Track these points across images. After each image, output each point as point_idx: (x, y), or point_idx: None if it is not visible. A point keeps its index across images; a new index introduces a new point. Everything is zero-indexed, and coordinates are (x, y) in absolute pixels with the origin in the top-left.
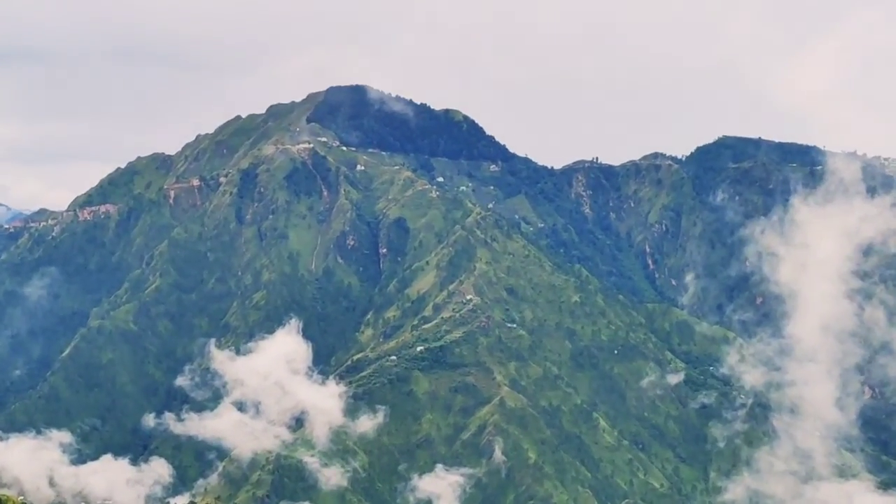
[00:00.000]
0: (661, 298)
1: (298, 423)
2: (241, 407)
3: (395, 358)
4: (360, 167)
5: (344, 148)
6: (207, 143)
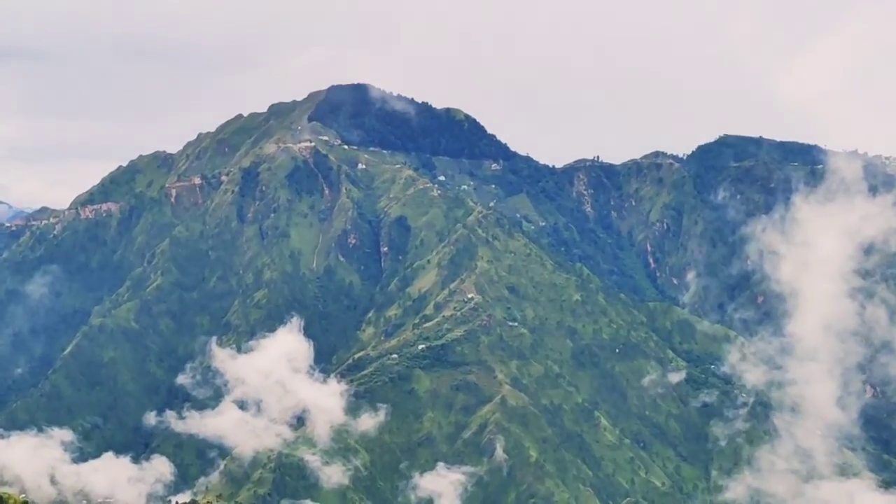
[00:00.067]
0: (662, 297)
1: (300, 421)
2: (242, 405)
3: (396, 356)
4: (361, 166)
5: (345, 146)
6: (209, 141)
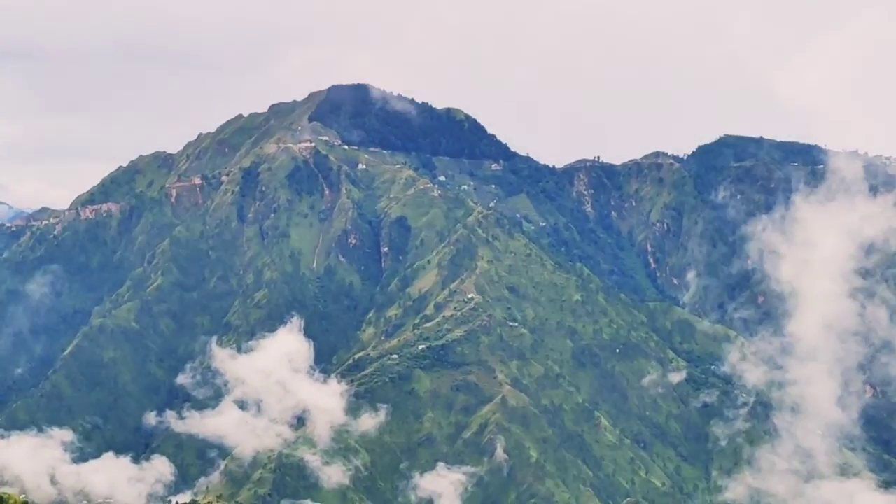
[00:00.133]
0: (662, 297)
1: (300, 421)
2: (242, 405)
3: (396, 356)
4: (361, 166)
5: (346, 147)
6: (209, 141)
